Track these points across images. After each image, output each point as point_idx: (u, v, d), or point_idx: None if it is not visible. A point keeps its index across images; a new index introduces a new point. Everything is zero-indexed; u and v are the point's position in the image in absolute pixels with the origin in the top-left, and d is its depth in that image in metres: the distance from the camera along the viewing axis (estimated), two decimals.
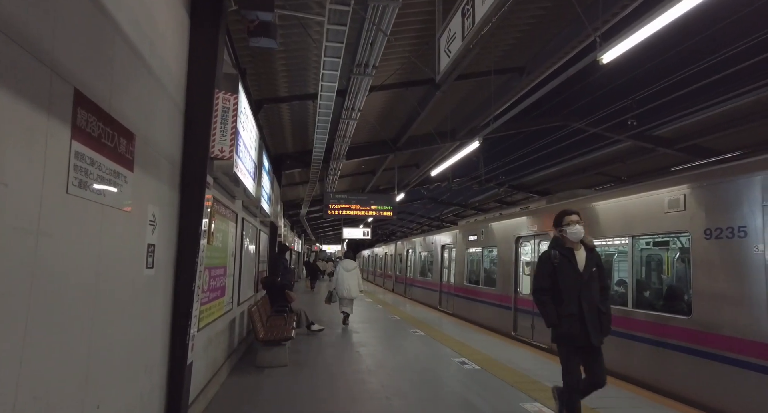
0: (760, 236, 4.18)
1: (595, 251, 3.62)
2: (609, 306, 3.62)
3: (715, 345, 4.55)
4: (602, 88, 8.29)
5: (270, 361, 5.80)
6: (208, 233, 3.83)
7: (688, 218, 4.97)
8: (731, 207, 4.52)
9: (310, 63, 6.12)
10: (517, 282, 8.73)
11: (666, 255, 5.97)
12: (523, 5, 5.39)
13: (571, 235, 3.51)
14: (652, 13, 3.70)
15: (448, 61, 3.39)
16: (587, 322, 3.39)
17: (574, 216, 3.53)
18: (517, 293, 8.74)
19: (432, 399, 4.63)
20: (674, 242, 5.66)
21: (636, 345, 5.52)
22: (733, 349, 4.39)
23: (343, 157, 9.50)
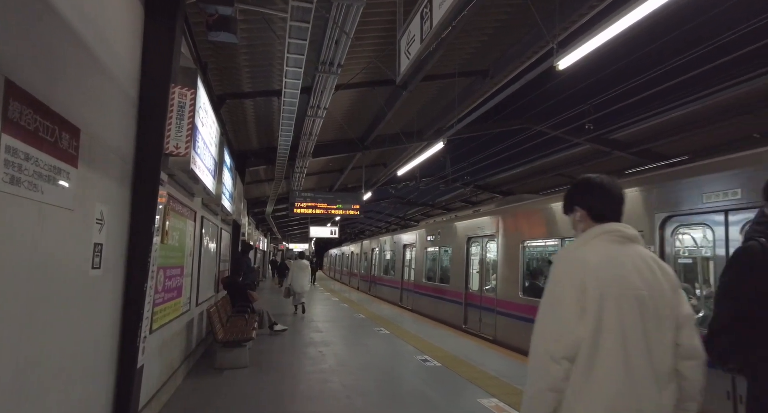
0: (652, 238, 4.88)
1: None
2: None
3: None
4: (562, 93, 8.62)
5: (229, 363, 5.68)
6: (162, 232, 3.70)
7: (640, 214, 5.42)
8: (635, 213, 5.14)
9: (275, 59, 6.01)
10: (467, 280, 9.35)
11: None
12: (486, 10, 5.51)
13: None
14: (605, 22, 3.88)
15: (408, 63, 3.43)
16: None
17: None
18: (467, 289, 9.42)
19: (393, 396, 4.68)
20: None
21: None
22: None
23: (309, 155, 9.40)
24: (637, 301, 1.45)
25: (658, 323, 1.47)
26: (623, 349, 1.41)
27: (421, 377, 5.34)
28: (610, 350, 1.41)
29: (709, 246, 4.42)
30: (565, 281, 1.50)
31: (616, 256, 1.52)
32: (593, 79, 7.73)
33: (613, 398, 1.39)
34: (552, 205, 7.04)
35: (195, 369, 5.62)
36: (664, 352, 1.46)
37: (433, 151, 8.34)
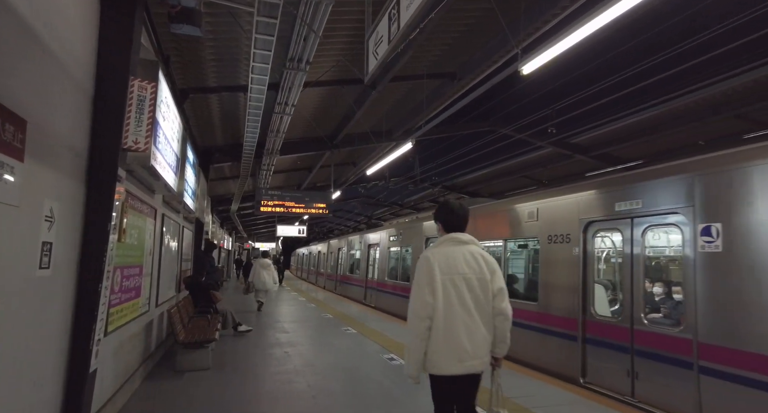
0: (577, 242, 5.67)
1: None
2: None
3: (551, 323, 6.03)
4: (526, 97, 8.90)
5: (191, 364, 5.52)
6: (119, 230, 3.56)
7: (539, 226, 6.43)
8: (565, 218, 5.95)
9: (241, 54, 5.88)
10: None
11: (527, 255, 7.52)
12: (454, 14, 5.59)
13: None
14: (567, 30, 4.03)
15: (376, 64, 3.44)
16: None
17: None
18: None
19: (359, 395, 4.69)
20: (530, 245, 7.14)
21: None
22: (561, 325, 5.86)
23: (277, 152, 9.25)
24: (464, 280, 2.48)
25: (480, 293, 2.48)
26: (448, 308, 2.42)
27: (387, 375, 5.38)
28: (440, 309, 2.42)
29: (620, 246, 5.29)
30: (422, 271, 2.50)
31: (452, 253, 2.53)
32: (556, 84, 8.03)
33: (439, 341, 2.41)
34: (495, 210, 7.79)
35: (154, 372, 5.43)
36: (484, 310, 2.49)
37: (402, 151, 8.40)
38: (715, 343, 4.01)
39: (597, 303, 5.48)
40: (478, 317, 2.46)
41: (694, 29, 5.69)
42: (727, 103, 7.48)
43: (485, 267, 2.53)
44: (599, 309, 5.46)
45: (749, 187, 3.84)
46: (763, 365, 3.57)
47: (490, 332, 2.49)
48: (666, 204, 4.58)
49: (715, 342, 4.01)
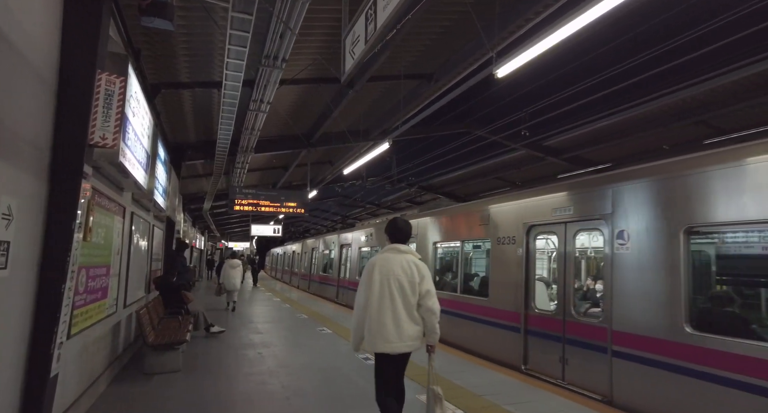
0: (521, 243, 6.31)
1: None
2: None
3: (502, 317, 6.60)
4: (501, 100, 9.05)
5: (160, 367, 5.38)
6: (84, 228, 3.43)
7: (490, 228, 7.02)
8: (511, 222, 6.57)
9: (216, 50, 5.77)
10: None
11: (479, 255, 8.17)
12: (431, 16, 5.65)
13: None
14: (540, 35, 4.14)
15: (353, 63, 3.44)
16: None
17: None
18: None
19: (334, 396, 4.67)
20: (483, 245, 7.77)
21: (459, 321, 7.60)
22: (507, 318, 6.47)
23: (251, 150, 9.11)
24: (397, 281, 3.18)
25: (409, 292, 3.17)
26: (379, 302, 3.15)
27: (362, 375, 5.38)
28: (373, 302, 3.16)
29: (555, 247, 5.96)
30: (367, 272, 3.27)
31: (392, 259, 3.25)
32: (529, 88, 8.21)
33: (373, 326, 3.14)
34: (454, 214, 8.36)
35: (121, 375, 5.26)
36: (411, 306, 3.17)
37: (379, 151, 8.42)
38: (624, 330, 4.68)
39: (537, 298, 6.11)
40: (404, 311, 3.16)
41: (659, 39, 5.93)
42: (689, 109, 7.83)
43: (416, 272, 3.22)
44: (539, 303, 6.08)
45: (643, 199, 4.64)
46: (654, 346, 4.35)
47: (415, 323, 3.18)
48: (591, 211, 5.24)
49: (624, 329, 4.67)
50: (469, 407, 4.28)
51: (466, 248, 8.06)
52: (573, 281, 5.53)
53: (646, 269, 4.52)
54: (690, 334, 4.05)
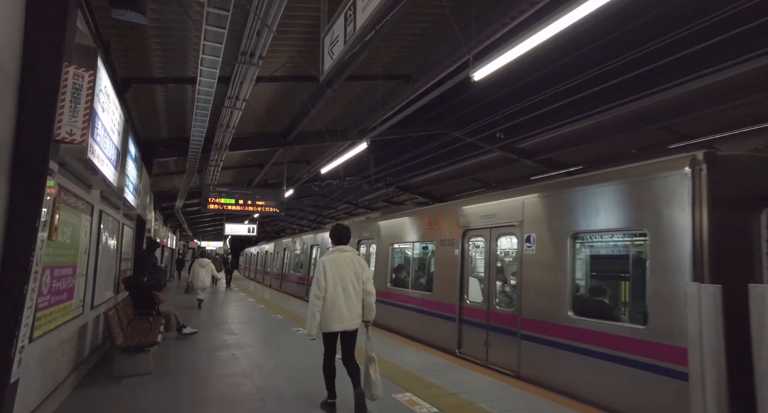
0: (457, 245, 7.21)
1: None
2: None
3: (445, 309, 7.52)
4: (477, 102, 9.19)
5: (130, 369, 5.23)
6: (49, 227, 3.30)
7: (434, 232, 7.94)
8: (450, 227, 7.49)
9: (190, 45, 5.64)
10: None
11: (426, 254, 8.89)
12: (410, 17, 5.68)
13: None
14: (515, 40, 4.23)
15: (332, 63, 3.43)
16: None
17: None
18: None
19: (309, 396, 4.65)
20: (429, 246, 8.59)
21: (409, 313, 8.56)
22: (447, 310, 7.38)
23: (226, 147, 8.94)
24: (346, 274, 4.08)
25: (355, 281, 4.10)
26: (334, 291, 4.02)
27: (339, 375, 5.36)
28: (329, 292, 4.02)
29: (482, 249, 6.91)
30: (319, 269, 4.08)
31: (338, 257, 4.15)
32: (504, 91, 8.37)
33: (328, 311, 4.01)
34: (408, 219, 9.19)
35: (88, 379, 5.08)
36: (357, 292, 4.11)
37: (357, 151, 8.41)
38: (528, 317, 5.69)
39: (471, 292, 7.07)
40: (354, 296, 4.09)
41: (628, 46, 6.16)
42: (655, 115, 8.16)
43: (358, 265, 4.20)
44: (471, 296, 7.03)
45: (543, 209, 5.72)
46: (548, 329, 5.36)
47: (360, 305, 4.13)
48: (509, 219, 6.24)
49: (529, 316, 5.68)
50: (412, 386, 4.89)
51: (417, 249, 9.04)
52: (495, 277, 6.57)
53: (544, 267, 5.54)
54: (572, 318, 5.06)
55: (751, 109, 7.35)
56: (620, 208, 4.69)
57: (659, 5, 5.31)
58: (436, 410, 4.24)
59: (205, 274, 12.13)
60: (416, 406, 4.34)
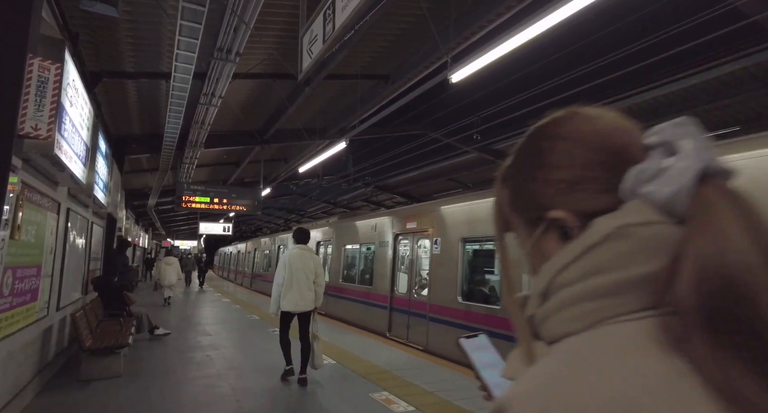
0: (390, 247, 8.91)
1: None
2: None
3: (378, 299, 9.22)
4: (455, 104, 9.30)
5: (99, 373, 5.06)
6: (12, 226, 3.17)
7: (376, 235, 9.56)
8: (384, 231, 9.24)
9: (164, 39, 5.50)
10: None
11: (369, 254, 10.25)
12: (389, 17, 5.70)
13: None
14: (492, 43, 4.30)
15: (311, 62, 3.41)
16: None
17: None
18: None
19: (285, 397, 4.61)
20: (371, 247, 10.00)
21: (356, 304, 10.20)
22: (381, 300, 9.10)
23: (201, 145, 8.77)
24: (303, 268, 5.11)
25: (308, 273, 5.10)
26: (291, 279, 5.04)
27: (317, 374, 5.34)
28: (287, 280, 5.05)
29: (408, 248, 8.57)
30: (281, 262, 5.20)
31: (298, 254, 5.18)
32: (481, 93, 8.50)
33: (285, 295, 5.05)
34: (357, 224, 10.57)
35: (53, 383, 4.89)
36: (309, 282, 5.10)
37: (335, 150, 8.38)
38: (434, 303, 7.31)
39: (399, 284, 8.68)
40: (305, 286, 5.04)
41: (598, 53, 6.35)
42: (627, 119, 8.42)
43: (312, 262, 5.18)
44: (400, 288, 8.65)
45: (444, 219, 7.46)
46: (445, 311, 7.01)
47: (312, 292, 5.08)
48: (424, 226, 7.94)
49: (434, 302, 7.29)
50: (389, 385, 5.07)
51: (363, 249, 10.48)
52: (415, 272, 8.27)
53: (445, 264, 7.20)
54: (461, 303, 6.77)
55: (723, 113, 7.70)
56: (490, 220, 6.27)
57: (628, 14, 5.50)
58: (413, 408, 4.27)
59: (171, 272, 12.65)
60: (393, 405, 4.37)
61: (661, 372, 0.35)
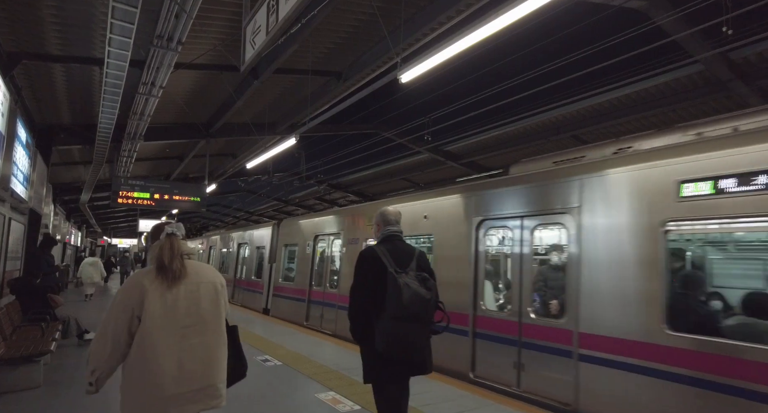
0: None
1: None
2: None
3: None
4: (407, 105, 9.40)
5: (13, 384, 4.60)
6: None
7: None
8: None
9: (96, 22, 5.10)
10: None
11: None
12: (341, 14, 5.64)
13: None
14: (440, 46, 4.37)
15: (253, 53, 3.29)
16: None
17: None
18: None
19: (229, 402, 4.43)
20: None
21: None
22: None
23: (140, 137, 8.24)
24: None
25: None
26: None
27: (262, 378, 5.18)
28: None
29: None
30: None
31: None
32: (432, 95, 8.65)
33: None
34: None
35: None
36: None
37: (285, 146, 8.18)
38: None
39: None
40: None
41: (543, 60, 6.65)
42: (566, 124, 8.92)
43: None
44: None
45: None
46: None
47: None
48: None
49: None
50: (336, 384, 4.99)
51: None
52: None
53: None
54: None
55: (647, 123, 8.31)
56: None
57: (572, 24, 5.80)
58: (358, 407, 4.26)
59: (93, 271, 13.41)
60: (339, 404, 4.33)
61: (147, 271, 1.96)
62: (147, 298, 1.86)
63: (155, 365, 1.86)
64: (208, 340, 2.00)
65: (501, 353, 4.89)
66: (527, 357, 4.63)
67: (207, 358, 1.99)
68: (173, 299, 1.92)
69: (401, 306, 2.33)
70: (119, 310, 1.87)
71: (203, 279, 2.05)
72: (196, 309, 1.98)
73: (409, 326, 2.38)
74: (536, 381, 4.51)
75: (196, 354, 1.94)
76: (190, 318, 1.95)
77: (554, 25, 5.70)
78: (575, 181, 4.38)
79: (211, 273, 2.12)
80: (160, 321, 1.87)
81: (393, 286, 2.37)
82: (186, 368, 1.91)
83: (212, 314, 2.03)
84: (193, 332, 1.95)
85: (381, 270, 2.45)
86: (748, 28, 5.23)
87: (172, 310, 1.91)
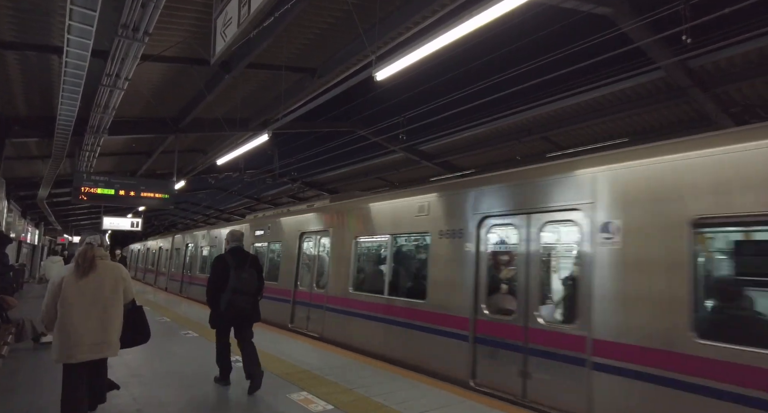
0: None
1: None
2: None
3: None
4: (382, 103, 9.40)
5: None
6: None
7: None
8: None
9: (54, 8, 4.84)
10: None
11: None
12: (316, 10, 5.58)
13: None
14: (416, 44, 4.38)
15: (224, 46, 3.20)
16: None
17: None
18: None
19: (197, 403, 4.31)
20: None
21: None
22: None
23: (104, 131, 7.90)
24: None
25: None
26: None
27: (232, 378, 5.06)
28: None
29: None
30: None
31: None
32: (407, 94, 8.68)
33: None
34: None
35: None
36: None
37: (258, 142, 8.02)
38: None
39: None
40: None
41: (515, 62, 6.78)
42: (537, 126, 9.13)
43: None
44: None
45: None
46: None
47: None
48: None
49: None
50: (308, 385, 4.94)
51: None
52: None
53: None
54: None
55: (615, 125, 8.59)
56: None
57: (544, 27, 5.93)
58: (331, 407, 4.23)
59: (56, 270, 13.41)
60: (311, 404, 4.28)
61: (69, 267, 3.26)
62: (65, 285, 3.07)
63: (70, 326, 3.05)
64: (107, 314, 3.18)
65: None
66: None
67: (103, 324, 3.16)
68: (84, 285, 3.11)
69: (234, 286, 4.37)
70: (50, 292, 3.11)
71: (108, 274, 3.24)
72: (100, 292, 3.16)
73: (239, 297, 4.39)
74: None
75: (95, 321, 3.12)
76: (94, 298, 3.13)
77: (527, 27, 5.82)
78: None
79: (116, 269, 3.33)
80: (71, 300, 3.06)
81: (231, 275, 4.40)
82: (88, 328, 3.09)
83: (111, 298, 3.21)
84: (95, 308, 3.13)
85: (226, 266, 4.49)
86: (705, 38, 5.49)
87: (82, 293, 3.09)
